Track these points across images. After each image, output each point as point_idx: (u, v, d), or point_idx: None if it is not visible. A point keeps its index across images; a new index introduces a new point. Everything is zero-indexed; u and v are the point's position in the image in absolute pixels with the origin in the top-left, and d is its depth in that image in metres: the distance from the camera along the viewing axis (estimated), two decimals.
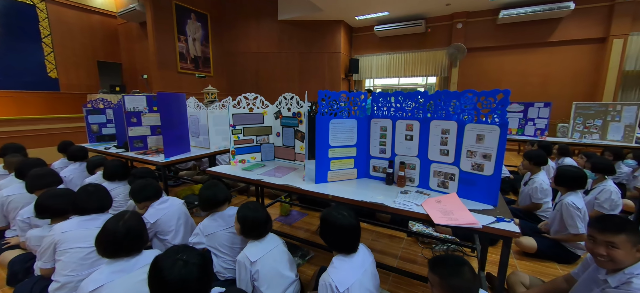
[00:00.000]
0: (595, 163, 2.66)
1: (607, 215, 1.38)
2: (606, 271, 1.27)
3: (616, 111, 4.22)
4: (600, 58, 6.84)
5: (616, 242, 1.20)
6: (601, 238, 1.24)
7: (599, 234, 1.26)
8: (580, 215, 2.10)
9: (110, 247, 1.29)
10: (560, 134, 4.90)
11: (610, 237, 1.22)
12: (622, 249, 1.19)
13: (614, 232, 1.22)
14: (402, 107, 1.78)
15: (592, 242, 1.29)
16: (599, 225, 1.27)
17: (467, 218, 1.30)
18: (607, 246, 1.22)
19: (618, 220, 1.25)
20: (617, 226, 1.22)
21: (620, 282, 1.21)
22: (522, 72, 7.76)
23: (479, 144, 1.46)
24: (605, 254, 1.23)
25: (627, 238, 1.20)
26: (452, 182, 1.62)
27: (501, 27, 7.58)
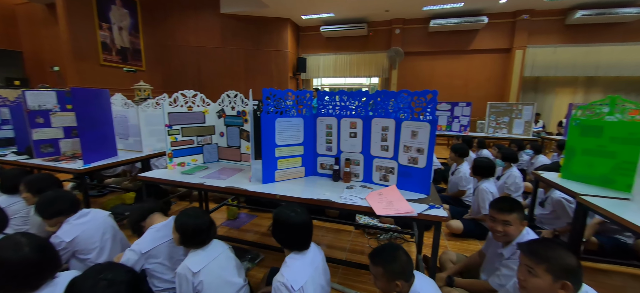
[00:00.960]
0: (504, 154, 3.17)
1: (501, 198, 1.66)
2: (502, 245, 1.54)
3: (518, 110, 5.09)
4: (506, 65, 8.15)
5: (509, 219, 1.48)
6: (499, 218, 1.50)
7: (497, 214, 1.52)
8: (492, 198, 2.47)
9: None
10: (479, 129, 5.70)
11: (505, 216, 1.49)
12: (513, 225, 1.47)
13: (508, 211, 1.49)
14: (347, 105, 1.86)
15: (492, 221, 1.55)
16: (497, 207, 1.53)
17: (404, 207, 1.42)
18: (503, 224, 1.48)
19: (510, 202, 1.54)
20: (510, 206, 1.50)
21: (511, 253, 1.48)
22: (448, 75, 8.79)
23: (413, 140, 1.60)
24: (502, 231, 1.50)
25: (517, 216, 1.49)
26: (392, 175, 1.75)
27: (432, 35, 8.46)
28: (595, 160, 1.89)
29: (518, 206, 1.52)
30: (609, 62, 7.36)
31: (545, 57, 7.73)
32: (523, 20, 7.60)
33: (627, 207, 1.53)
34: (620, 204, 1.58)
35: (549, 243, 1.13)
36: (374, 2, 7.25)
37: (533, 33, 7.69)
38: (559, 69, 7.71)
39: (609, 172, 1.83)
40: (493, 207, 1.56)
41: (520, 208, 1.52)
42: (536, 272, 1.07)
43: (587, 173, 1.93)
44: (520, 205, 1.53)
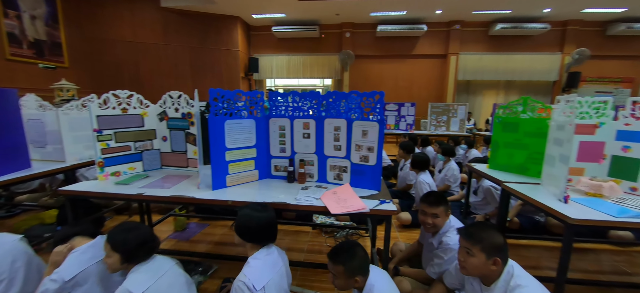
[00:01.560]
0: (443, 149, 3.51)
1: (428, 193, 1.80)
2: (431, 235, 1.69)
3: (454, 109, 5.69)
4: (443, 70, 9.06)
5: (437, 212, 1.62)
6: (429, 211, 1.64)
7: (427, 208, 1.65)
8: (428, 188, 2.72)
9: None
10: (423, 127, 6.22)
11: (434, 209, 1.63)
12: (441, 217, 1.62)
13: (435, 205, 1.63)
14: (299, 106, 1.85)
15: (423, 215, 1.68)
16: (426, 201, 1.67)
17: (358, 204, 1.47)
18: (432, 216, 1.63)
19: (437, 196, 1.68)
20: (438, 200, 1.65)
21: (438, 242, 1.64)
22: (395, 78, 9.41)
23: (364, 139, 1.67)
24: (431, 222, 1.64)
25: (443, 208, 1.64)
26: (346, 174, 1.80)
27: (379, 39, 8.97)
28: (514, 151, 2.20)
29: (444, 199, 1.66)
30: (522, 68, 8.68)
31: (474, 63, 8.80)
32: (456, 30, 8.53)
33: (538, 190, 1.81)
34: (533, 188, 1.86)
35: (481, 226, 1.27)
36: (325, 6, 7.41)
37: (464, 42, 8.68)
38: (485, 73, 8.84)
39: (524, 162, 2.15)
40: (423, 201, 1.68)
41: (446, 201, 1.67)
42: (473, 252, 1.20)
43: (509, 163, 2.24)
44: (446, 198, 1.69)
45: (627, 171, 1.74)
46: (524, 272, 1.20)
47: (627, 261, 2.48)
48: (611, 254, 2.58)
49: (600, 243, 2.68)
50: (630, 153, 1.71)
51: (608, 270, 2.36)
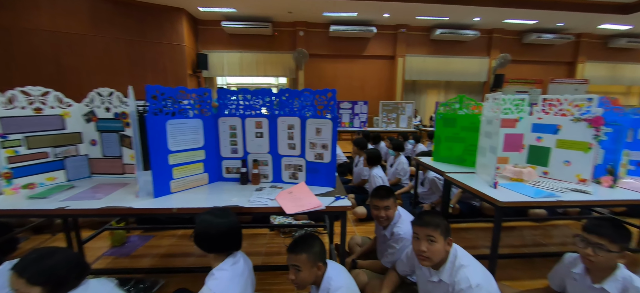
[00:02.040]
0: (393, 145, 3.72)
1: (379, 186, 1.84)
2: (383, 228, 1.78)
3: (402, 107, 6.08)
4: (392, 70, 9.62)
5: (388, 204, 1.69)
6: (381, 204, 1.70)
7: (379, 201, 1.71)
8: (381, 182, 2.86)
9: None
10: (375, 124, 6.52)
11: (385, 202, 1.69)
12: (392, 208, 1.70)
13: (386, 197, 1.70)
14: (251, 104, 1.78)
15: (376, 208, 1.73)
16: (377, 196, 1.72)
17: (313, 202, 1.46)
18: (384, 209, 1.70)
19: (386, 189, 1.74)
20: (387, 193, 1.71)
21: (390, 233, 1.72)
22: (349, 77, 9.71)
23: (318, 136, 1.68)
24: (384, 215, 1.70)
25: (393, 199, 1.70)
26: (301, 172, 1.78)
27: (333, 39, 9.15)
28: (453, 144, 2.43)
29: (391, 192, 1.74)
30: (458, 70, 9.67)
31: (418, 65, 9.52)
32: (402, 33, 9.13)
33: (473, 178, 2.02)
34: (469, 177, 2.07)
35: (432, 212, 1.35)
36: (277, 3, 7.29)
37: (409, 44, 9.34)
38: (428, 74, 9.64)
39: (462, 153, 2.39)
40: (374, 196, 1.74)
41: (393, 194, 1.74)
42: (435, 238, 1.25)
43: (449, 155, 2.46)
44: (392, 191, 1.76)
45: (540, 158, 2.04)
46: (465, 252, 1.32)
47: (542, 234, 2.92)
48: (531, 229, 3.01)
49: (522, 220, 3.12)
50: (542, 143, 2.01)
51: (529, 243, 2.75)
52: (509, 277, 2.26)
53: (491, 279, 1.26)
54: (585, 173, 1.81)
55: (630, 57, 10.10)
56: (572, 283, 1.42)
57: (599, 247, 1.22)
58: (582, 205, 1.62)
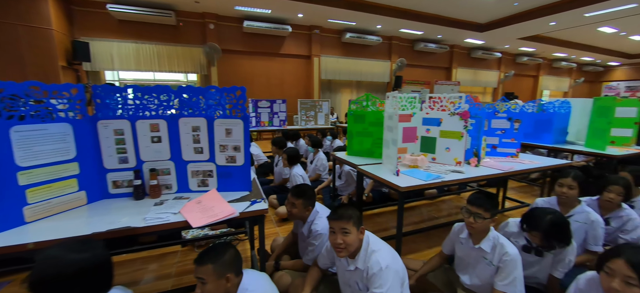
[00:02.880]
0: (312, 141, 3.82)
1: (294, 186, 1.85)
2: (302, 224, 1.79)
3: (319, 105, 6.33)
4: (309, 69, 9.92)
5: (297, 203, 1.70)
6: (294, 201, 1.71)
7: (293, 199, 1.72)
8: (302, 180, 2.92)
9: None
10: (295, 122, 6.59)
11: (296, 199, 1.70)
12: (298, 208, 1.71)
13: (299, 197, 1.72)
14: (144, 104, 1.50)
15: (291, 207, 1.74)
16: (293, 194, 1.73)
17: (226, 210, 1.34)
18: (293, 206, 1.71)
19: (300, 188, 1.76)
20: (302, 192, 1.73)
21: (308, 230, 1.75)
22: (267, 75, 9.53)
23: (228, 138, 1.54)
24: (294, 212, 1.71)
25: (302, 201, 1.72)
26: (211, 178, 1.61)
27: (248, 35, 8.78)
28: (363, 139, 2.65)
29: (304, 192, 1.74)
30: (367, 71, 10.72)
31: (333, 65, 10.11)
32: (316, 34, 9.50)
33: (381, 168, 2.24)
34: (378, 167, 2.29)
35: (346, 206, 1.42)
36: None
37: (324, 45, 9.80)
38: (341, 74, 10.34)
39: (371, 146, 2.63)
40: (291, 193, 1.74)
41: (309, 194, 1.75)
42: (349, 229, 1.31)
43: (360, 149, 2.68)
44: (311, 189, 1.79)
45: (429, 146, 2.42)
46: (376, 238, 1.44)
47: (434, 209, 3.51)
48: (427, 207, 3.58)
49: (420, 200, 3.67)
50: (430, 134, 2.39)
51: (426, 218, 3.26)
52: (413, 250, 2.61)
53: (398, 258, 1.41)
54: (459, 156, 2.24)
55: (485, 65, 13.22)
56: (460, 246, 1.73)
57: (477, 215, 1.52)
58: (458, 182, 2.00)
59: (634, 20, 8.55)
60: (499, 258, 1.47)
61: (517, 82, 14.56)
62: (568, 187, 1.94)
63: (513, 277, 1.43)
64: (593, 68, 16.75)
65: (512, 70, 13.73)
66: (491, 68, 13.46)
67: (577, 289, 1.25)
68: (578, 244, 1.97)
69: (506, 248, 1.46)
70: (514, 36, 10.29)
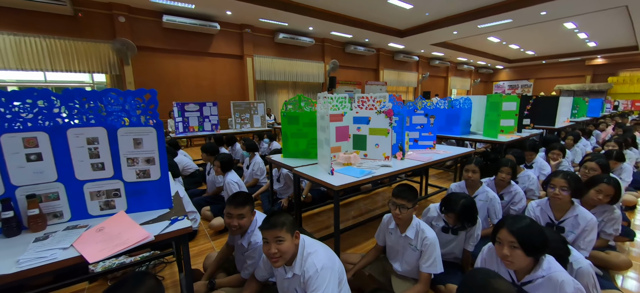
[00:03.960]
0: (246, 145, 3.63)
1: (236, 193, 1.72)
2: (240, 237, 1.69)
3: (254, 107, 6.09)
4: (242, 70, 9.49)
5: (243, 212, 1.61)
6: (235, 212, 1.60)
7: (233, 209, 1.60)
8: (238, 188, 2.75)
9: None
10: (230, 126, 6.20)
11: (240, 209, 1.60)
12: (247, 216, 1.62)
13: (242, 205, 1.61)
14: (14, 113, 1.16)
15: (229, 217, 1.62)
16: (233, 202, 1.61)
17: (137, 235, 1.13)
18: (238, 217, 1.60)
19: (244, 196, 1.66)
20: (245, 200, 1.63)
21: (247, 242, 1.65)
22: (196, 76, 8.76)
23: (138, 149, 1.32)
24: (237, 224, 1.60)
25: (249, 207, 1.64)
26: (119, 198, 1.35)
27: (169, 32, 7.90)
28: (298, 140, 2.62)
29: (250, 199, 1.65)
30: (302, 72, 10.81)
31: (268, 66, 9.89)
32: (247, 33, 9.14)
33: (316, 169, 2.25)
34: (313, 168, 2.30)
35: (277, 213, 1.35)
36: None
37: (257, 45, 9.50)
38: (277, 75, 10.20)
39: (306, 147, 2.62)
40: (229, 203, 1.62)
41: (252, 201, 1.67)
42: (283, 237, 1.26)
43: (296, 150, 2.65)
44: (252, 198, 1.69)
45: (361, 144, 2.54)
46: (311, 240, 1.42)
47: (370, 202, 3.73)
48: (363, 201, 3.77)
49: (357, 195, 3.85)
50: (360, 132, 2.51)
51: (363, 211, 3.43)
52: (354, 244, 2.71)
53: (334, 257, 1.41)
54: (387, 151, 2.41)
55: (406, 67, 14.77)
56: (389, 236, 1.85)
57: (402, 206, 1.63)
58: (387, 175, 2.14)
59: (511, 33, 10.70)
60: (421, 242, 1.62)
61: (433, 82, 16.72)
62: (472, 172, 2.27)
63: (433, 258, 1.59)
64: (486, 70, 20.38)
65: (427, 72, 15.69)
66: (411, 70, 15.12)
67: (482, 259, 1.46)
68: (483, 219, 2.32)
69: (426, 233, 1.62)
70: (427, 42, 11.76)
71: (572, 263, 1.46)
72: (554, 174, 1.88)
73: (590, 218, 1.78)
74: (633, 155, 4.20)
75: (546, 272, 1.19)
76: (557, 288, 1.15)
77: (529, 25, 9.37)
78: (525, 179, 2.96)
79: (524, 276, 1.25)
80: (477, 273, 0.99)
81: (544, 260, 1.22)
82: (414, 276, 1.74)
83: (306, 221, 3.16)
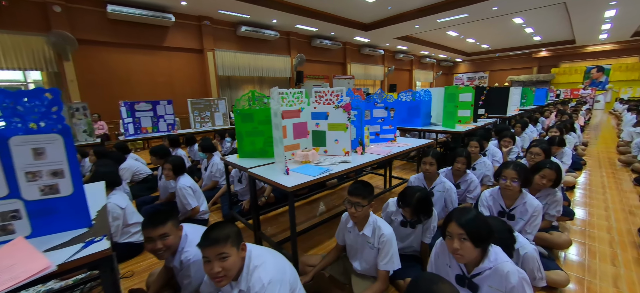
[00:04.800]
0: (202, 146, 3.39)
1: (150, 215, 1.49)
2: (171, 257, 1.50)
3: (215, 104, 5.76)
4: (203, 65, 8.95)
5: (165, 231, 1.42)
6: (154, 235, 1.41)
7: (150, 231, 1.41)
8: (192, 193, 2.56)
9: None
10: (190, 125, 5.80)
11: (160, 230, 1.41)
12: (171, 235, 1.44)
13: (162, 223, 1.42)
14: None
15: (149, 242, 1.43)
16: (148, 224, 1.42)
17: (33, 267, 0.93)
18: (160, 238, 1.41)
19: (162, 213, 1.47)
20: (166, 216, 1.45)
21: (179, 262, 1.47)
22: (150, 73, 8.09)
23: (40, 161, 1.09)
24: (161, 247, 1.41)
25: (172, 223, 1.46)
26: (20, 221, 1.12)
27: (115, 23, 7.17)
28: (255, 139, 2.47)
29: (171, 215, 1.49)
30: (268, 66, 10.48)
31: (230, 60, 9.44)
32: (208, 26, 8.62)
33: (273, 169, 2.12)
34: (270, 168, 2.16)
35: (218, 226, 1.21)
36: None
37: (217, 39, 9.00)
38: (241, 69, 9.78)
39: (263, 146, 2.47)
40: (145, 225, 1.44)
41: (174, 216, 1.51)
42: (227, 252, 1.14)
43: (253, 149, 2.49)
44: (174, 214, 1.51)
45: (320, 140, 2.45)
46: (259, 251, 1.30)
47: (336, 197, 3.68)
48: (329, 197, 3.72)
49: (322, 191, 3.79)
50: (319, 127, 2.42)
51: (329, 208, 3.37)
52: (318, 243, 2.63)
53: (285, 266, 1.31)
54: (347, 147, 2.34)
55: (372, 60, 15.00)
56: (348, 235, 1.79)
57: (357, 204, 1.57)
58: (346, 172, 2.08)
59: (467, 27, 11.27)
60: (378, 240, 1.58)
61: (398, 75, 17.20)
62: (429, 164, 2.29)
63: (390, 254, 1.55)
64: (446, 63, 21.42)
65: (393, 66, 16.10)
66: (377, 63, 15.40)
67: (435, 253, 1.45)
68: (441, 209, 2.36)
69: (383, 230, 1.57)
70: (391, 36, 12.01)
71: (519, 249, 1.50)
72: (504, 166, 1.94)
73: (536, 205, 1.86)
74: (572, 139, 4.61)
75: (493, 263, 1.20)
76: (503, 278, 1.16)
77: (483, 20, 9.92)
78: (482, 166, 3.10)
79: (474, 268, 1.25)
80: (421, 281, 0.95)
81: (490, 251, 1.22)
82: (374, 274, 1.70)
83: (267, 223, 3.03)
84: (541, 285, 1.57)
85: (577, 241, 2.43)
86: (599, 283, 1.91)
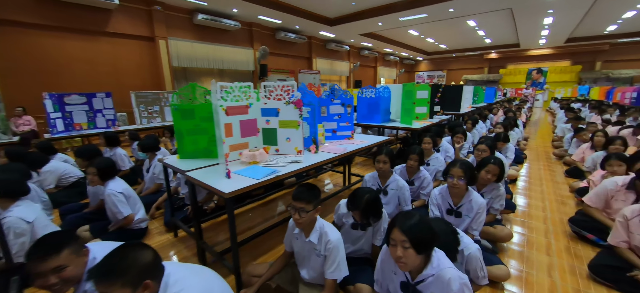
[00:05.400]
0: (142, 146, 3.02)
1: (38, 241, 1.19)
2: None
3: (165, 98, 5.27)
4: (154, 54, 8.17)
5: (60, 264, 1.15)
6: (47, 268, 1.12)
7: (42, 266, 1.12)
8: (124, 199, 2.26)
9: None
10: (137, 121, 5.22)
11: (53, 261, 1.14)
12: (70, 265, 1.18)
13: (55, 253, 1.15)
14: None
15: (41, 277, 1.14)
16: (34, 256, 1.14)
17: None
18: (54, 273, 1.14)
19: (53, 240, 1.20)
20: (59, 244, 1.18)
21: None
22: (91, 61, 7.18)
23: None
24: (57, 281, 1.14)
25: (69, 252, 1.19)
26: None
27: (43, 3, 6.20)
28: (197, 137, 2.22)
29: (66, 239, 1.21)
30: (229, 58, 9.93)
31: (186, 50, 8.75)
32: (159, 12, 7.87)
33: (216, 170, 1.91)
34: (213, 169, 1.95)
35: (118, 253, 0.98)
36: None
37: (170, 26, 8.28)
38: (199, 61, 9.13)
39: (207, 145, 2.24)
40: (31, 258, 1.14)
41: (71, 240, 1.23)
42: None
43: (195, 149, 2.25)
44: (69, 236, 1.25)
45: (271, 138, 2.28)
46: (180, 272, 1.10)
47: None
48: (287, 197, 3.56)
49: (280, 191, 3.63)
50: (270, 125, 2.25)
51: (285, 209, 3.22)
52: (269, 248, 2.47)
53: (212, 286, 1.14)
54: (299, 145, 2.21)
55: (338, 56, 15.02)
56: (296, 242, 1.66)
57: (302, 210, 1.44)
58: (295, 173, 1.94)
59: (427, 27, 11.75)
60: (325, 247, 1.47)
61: (363, 71, 17.48)
62: (383, 163, 2.25)
63: (337, 261, 1.46)
64: (408, 61, 22.31)
65: (358, 62, 16.30)
66: (343, 59, 15.47)
67: (382, 259, 1.38)
68: (395, 207, 2.34)
69: (329, 236, 1.47)
70: (356, 32, 12.10)
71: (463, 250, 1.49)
72: (451, 164, 1.95)
73: (481, 202, 1.90)
74: (515, 135, 4.98)
75: (436, 269, 1.15)
76: (445, 285, 1.12)
77: (441, 21, 10.39)
78: (435, 162, 3.17)
79: (417, 275, 1.19)
80: None
81: (434, 257, 1.17)
82: (322, 282, 1.59)
83: (212, 229, 2.77)
84: (484, 284, 1.60)
85: (518, 232, 2.58)
86: (535, 273, 2.02)
